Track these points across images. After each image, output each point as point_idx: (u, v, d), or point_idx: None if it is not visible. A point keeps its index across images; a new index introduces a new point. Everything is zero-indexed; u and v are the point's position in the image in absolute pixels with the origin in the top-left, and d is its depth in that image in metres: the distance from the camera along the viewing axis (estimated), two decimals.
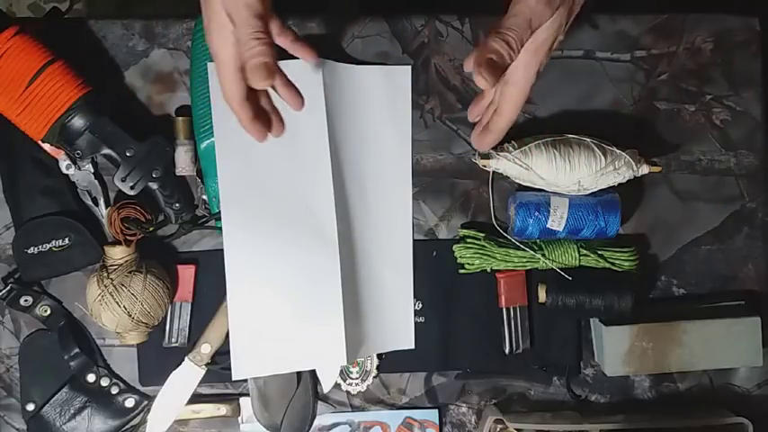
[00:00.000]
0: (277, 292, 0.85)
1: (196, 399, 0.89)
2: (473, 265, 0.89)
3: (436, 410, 0.93)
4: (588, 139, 0.86)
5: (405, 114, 0.90)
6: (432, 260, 0.91)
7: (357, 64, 0.89)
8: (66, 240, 0.85)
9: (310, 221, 0.84)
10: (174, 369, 0.88)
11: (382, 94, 0.88)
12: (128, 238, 0.85)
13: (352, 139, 0.87)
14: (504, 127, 0.73)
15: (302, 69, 0.80)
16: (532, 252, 0.88)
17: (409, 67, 0.89)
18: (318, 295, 0.84)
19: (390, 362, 0.91)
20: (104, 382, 0.89)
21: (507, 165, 0.86)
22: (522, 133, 0.88)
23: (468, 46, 0.91)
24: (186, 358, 0.88)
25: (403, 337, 0.90)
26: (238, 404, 0.91)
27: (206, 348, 0.88)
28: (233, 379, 0.85)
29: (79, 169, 0.85)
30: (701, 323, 0.89)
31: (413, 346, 0.90)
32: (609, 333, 0.89)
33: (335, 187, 0.84)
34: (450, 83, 0.91)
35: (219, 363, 0.89)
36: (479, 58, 0.64)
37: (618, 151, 0.86)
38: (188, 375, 0.88)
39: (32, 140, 0.82)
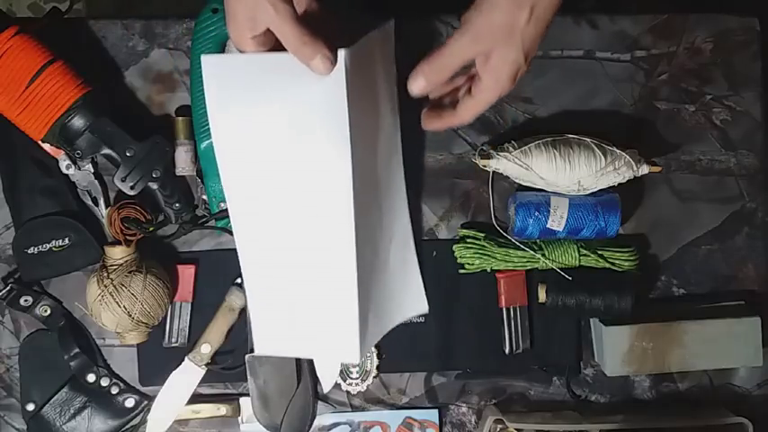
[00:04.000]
0: (290, 274, 0.77)
1: (196, 399, 0.89)
2: (473, 265, 0.89)
3: (436, 410, 0.93)
4: (588, 139, 0.86)
5: (392, 73, 0.81)
6: (432, 260, 0.91)
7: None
8: (66, 240, 0.85)
9: (326, 221, 0.74)
10: (174, 369, 0.88)
11: (379, 62, 0.79)
12: (128, 238, 0.85)
13: (367, 123, 0.77)
14: (455, 124, 0.75)
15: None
16: (532, 252, 0.88)
17: (392, 21, 0.80)
18: (332, 283, 0.76)
19: (390, 362, 0.91)
20: (104, 382, 0.89)
21: (507, 165, 0.86)
22: (521, 133, 0.88)
23: None
24: (186, 358, 0.88)
25: (414, 303, 0.87)
26: (238, 404, 0.91)
27: (206, 348, 0.88)
28: (256, 354, 0.82)
29: (79, 169, 0.85)
30: (701, 323, 0.89)
31: (426, 310, 0.88)
32: (609, 333, 0.89)
33: (354, 183, 0.72)
34: None
35: (219, 363, 0.89)
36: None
37: (618, 151, 0.86)
38: (188, 375, 0.88)
39: (32, 140, 0.82)
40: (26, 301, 0.87)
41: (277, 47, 0.68)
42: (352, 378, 0.91)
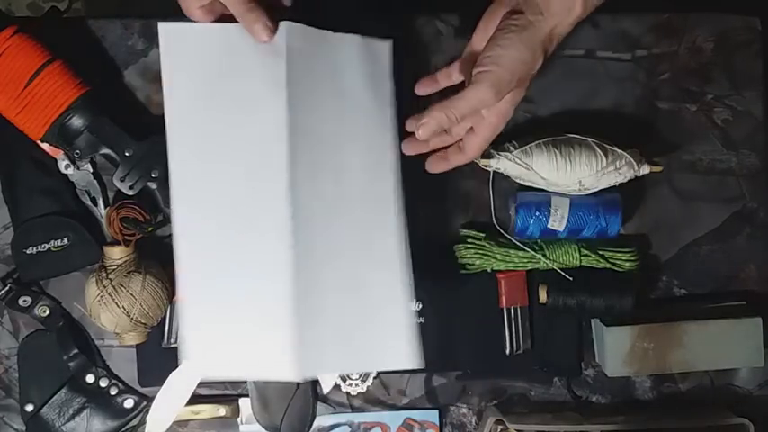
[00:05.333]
0: (229, 287, 0.71)
1: (195, 399, 0.89)
2: (474, 265, 0.88)
3: (436, 411, 0.93)
4: (589, 139, 0.86)
5: (385, 95, 0.77)
6: (432, 261, 0.90)
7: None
8: (65, 240, 0.85)
9: (261, 211, 0.70)
10: (174, 370, 0.88)
11: (359, 70, 0.77)
12: (126, 238, 0.84)
13: (323, 118, 0.74)
14: (462, 163, 0.78)
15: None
16: (533, 252, 0.88)
17: (390, 42, 0.78)
18: (266, 294, 0.69)
19: None
20: (103, 383, 0.89)
21: (508, 164, 0.86)
22: (522, 133, 0.88)
23: None
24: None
25: (399, 353, 0.73)
26: (237, 405, 0.91)
27: None
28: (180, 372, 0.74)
29: (78, 169, 0.85)
30: (702, 323, 0.89)
31: (416, 365, 0.72)
32: (610, 333, 0.89)
33: (293, 173, 0.70)
34: None
35: None
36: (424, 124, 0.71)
37: (619, 151, 0.86)
38: (187, 376, 0.88)
39: (31, 140, 0.82)
40: (25, 301, 0.87)
41: (223, 19, 0.71)
42: (351, 379, 0.91)
